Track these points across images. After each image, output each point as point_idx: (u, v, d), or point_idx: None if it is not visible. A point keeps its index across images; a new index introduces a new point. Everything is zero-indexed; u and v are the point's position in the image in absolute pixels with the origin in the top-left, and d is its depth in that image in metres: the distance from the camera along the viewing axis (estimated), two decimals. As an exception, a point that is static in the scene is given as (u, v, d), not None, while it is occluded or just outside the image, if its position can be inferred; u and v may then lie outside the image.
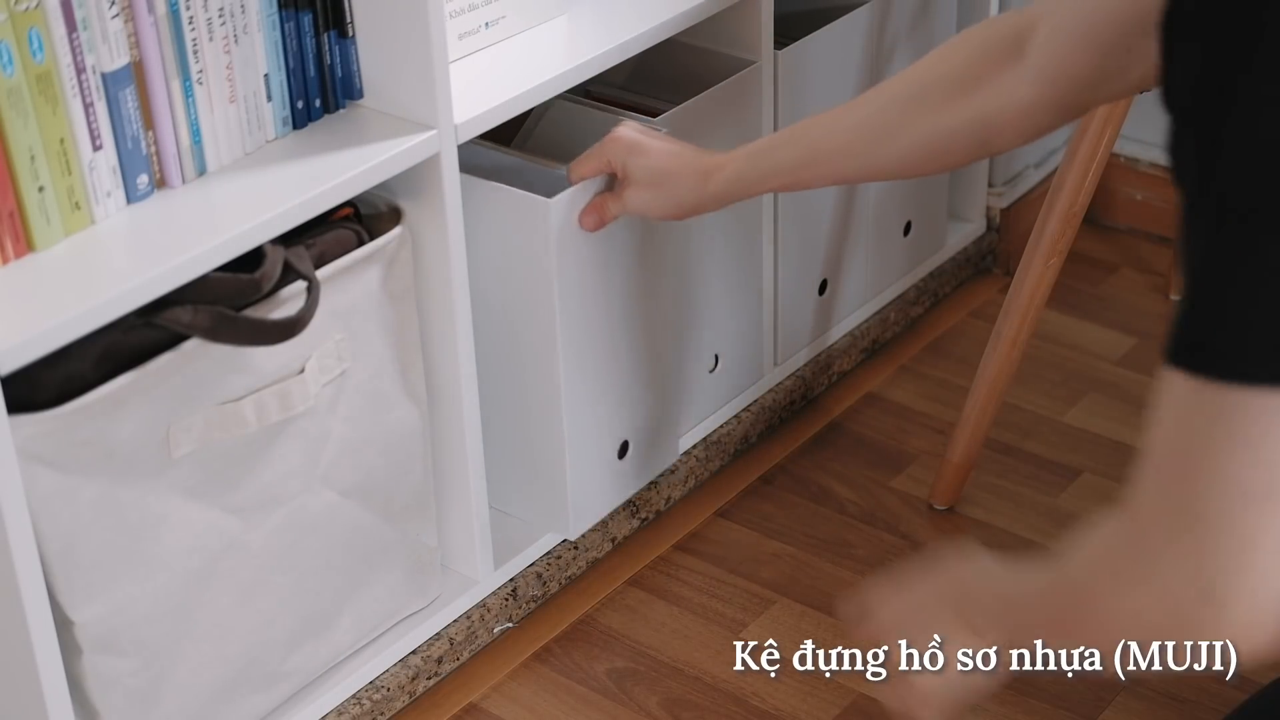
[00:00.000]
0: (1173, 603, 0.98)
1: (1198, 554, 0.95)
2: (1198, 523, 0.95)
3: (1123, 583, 1.01)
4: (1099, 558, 1.04)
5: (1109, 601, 1.03)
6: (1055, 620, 1.11)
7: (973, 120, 1.42)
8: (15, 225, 1.35)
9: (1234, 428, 0.92)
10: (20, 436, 1.31)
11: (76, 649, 1.42)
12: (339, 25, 1.53)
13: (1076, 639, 1.10)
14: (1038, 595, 1.13)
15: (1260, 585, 0.95)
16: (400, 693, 1.68)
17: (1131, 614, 1.02)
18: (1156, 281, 2.28)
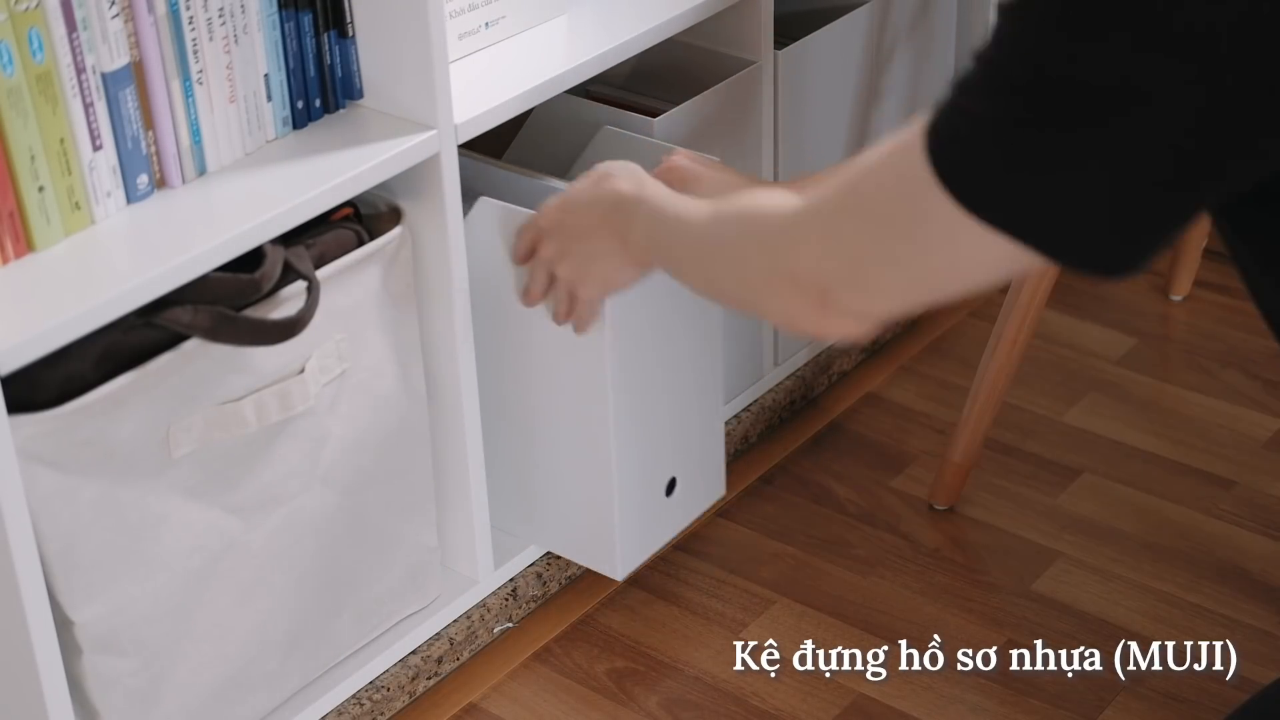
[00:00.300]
0: (796, 285, 1.18)
1: (837, 268, 1.16)
2: (855, 254, 1.14)
3: (767, 247, 1.22)
4: (758, 218, 1.24)
5: (750, 258, 1.24)
6: (696, 254, 1.35)
7: None
8: (15, 225, 1.35)
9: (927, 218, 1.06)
10: (20, 436, 1.31)
11: (76, 649, 1.42)
12: (339, 25, 1.53)
13: (701, 277, 1.35)
14: (691, 227, 1.35)
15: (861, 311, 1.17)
16: (400, 693, 1.68)
17: (757, 277, 1.23)
18: (1156, 281, 2.28)
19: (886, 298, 1.16)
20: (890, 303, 1.16)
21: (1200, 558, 1.84)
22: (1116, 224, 1.02)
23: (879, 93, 2.02)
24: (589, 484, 1.68)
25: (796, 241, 1.18)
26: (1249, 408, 2.06)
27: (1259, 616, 1.77)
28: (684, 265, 1.38)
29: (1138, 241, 1.03)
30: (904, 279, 1.13)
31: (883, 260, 1.12)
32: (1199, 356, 2.15)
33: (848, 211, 1.14)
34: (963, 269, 1.09)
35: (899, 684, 1.71)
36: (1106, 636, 1.75)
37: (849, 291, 1.16)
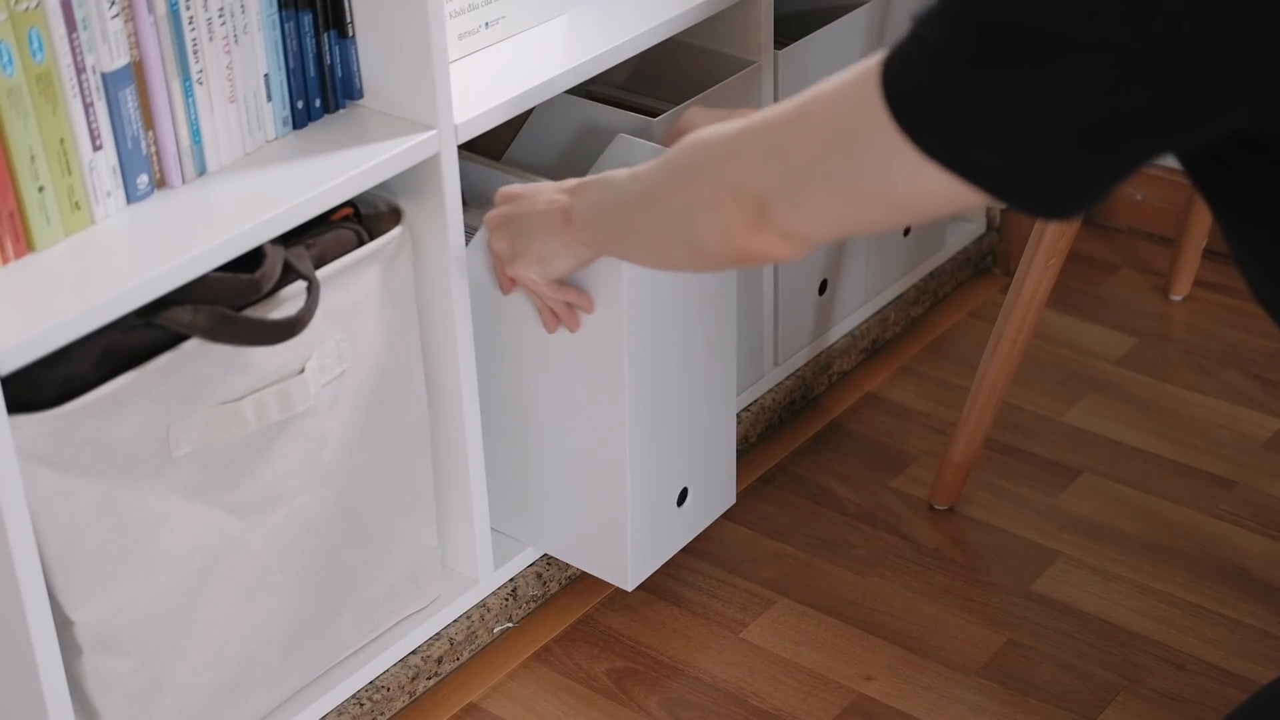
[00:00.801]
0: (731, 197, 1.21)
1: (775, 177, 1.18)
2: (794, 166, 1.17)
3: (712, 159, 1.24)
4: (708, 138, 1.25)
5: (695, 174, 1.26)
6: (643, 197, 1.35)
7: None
8: (15, 225, 1.35)
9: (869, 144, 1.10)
10: (20, 436, 1.31)
11: (76, 649, 1.42)
12: (339, 25, 1.53)
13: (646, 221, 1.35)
14: (641, 173, 1.36)
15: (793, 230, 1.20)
16: (400, 693, 1.68)
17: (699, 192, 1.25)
18: (1156, 281, 2.28)
19: (818, 217, 1.19)
20: (821, 224, 1.20)
21: (1200, 558, 1.84)
22: (1050, 168, 1.05)
23: (879, 93, 2.02)
24: (601, 493, 1.68)
25: (740, 151, 1.21)
26: (1249, 408, 2.06)
27: (1259, 616, 1.77)
28: (630, 217, 1.38)
29: (1072, 187, 1.07)
30: (837, 198, 1.16)
31: (819, 176, 1.15)
32: (1199, 356, 2.15)
33: (793, 125, 1.17)
34: (894, 196, 1.12)
35: (899, 684, 1.71)
36: (1106, 636, 1.75)
37: (782, 204, 1.18)
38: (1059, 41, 1.00)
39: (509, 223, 1.53)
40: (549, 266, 1.52)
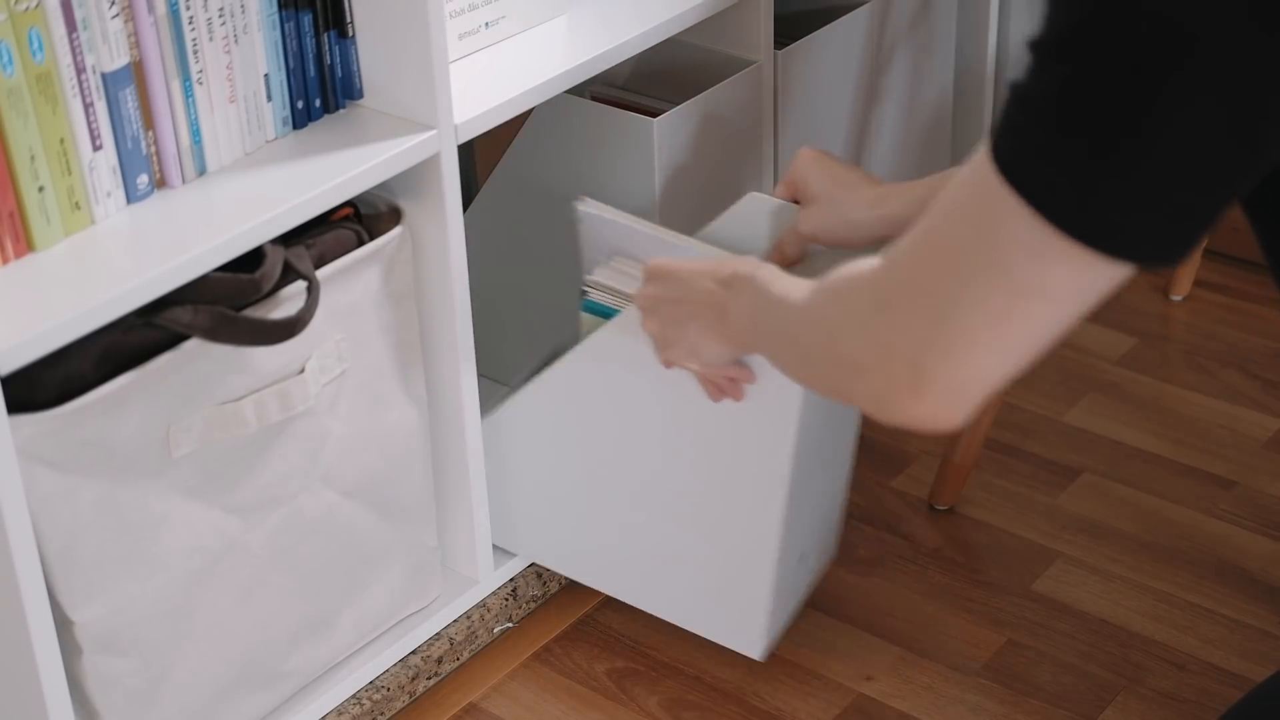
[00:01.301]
0: (883, 358, 1.07)
1: (924, 325, 1.04)
2: (939, 301, 1.03)
3: (854, 314, 1.11)
4: (847, 284, 1.13)
5: (841, 330, 1.13)
6: (793, 335, 1.23)
7: None
8: (15, 225, 1.35)
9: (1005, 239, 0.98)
10: (20, 436, 1.31)
11: (76, 649, 1.42)
12: (339, 25, 1.53)
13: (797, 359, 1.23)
14: (790, 305, 1.24)
15: (954, 382, 1.05)
16: (400, 693, 1.68)
17: (848, 351, 1.11)
18: (1156, 281, 2.28)
19: (978, 354, 1.03)
20: (983, 361, 1.04)
21: (1200, 558, 1.84)
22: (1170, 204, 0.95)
23: (879, 93, 2.02)
24: (739, 563, 1.62)
25: (881, 303, 1.07)
26: (1249, 408, 2.06)
27: (1259, 616, 1.77)
28: (782, 348, 1.27)
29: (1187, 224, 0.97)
30: (991, 319, 1.01)
31: (967, 300, 1.01)
32: (1199, 356, 2.15)
33: (924, 252, 1.05)
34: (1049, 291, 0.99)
35: (899, 684, 1.71)
36: (1106, 636, 1.75)
37: (939, 356, 1.04)
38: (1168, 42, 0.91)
39: (661, 308, 1.44)
40: (705, 357, 1.45)
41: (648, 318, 1.46)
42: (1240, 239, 2.28)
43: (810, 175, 1.55)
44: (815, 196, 1.55)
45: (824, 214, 1.54)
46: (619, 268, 1.62)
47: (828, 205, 1.54)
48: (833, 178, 1.54)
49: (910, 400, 1.07)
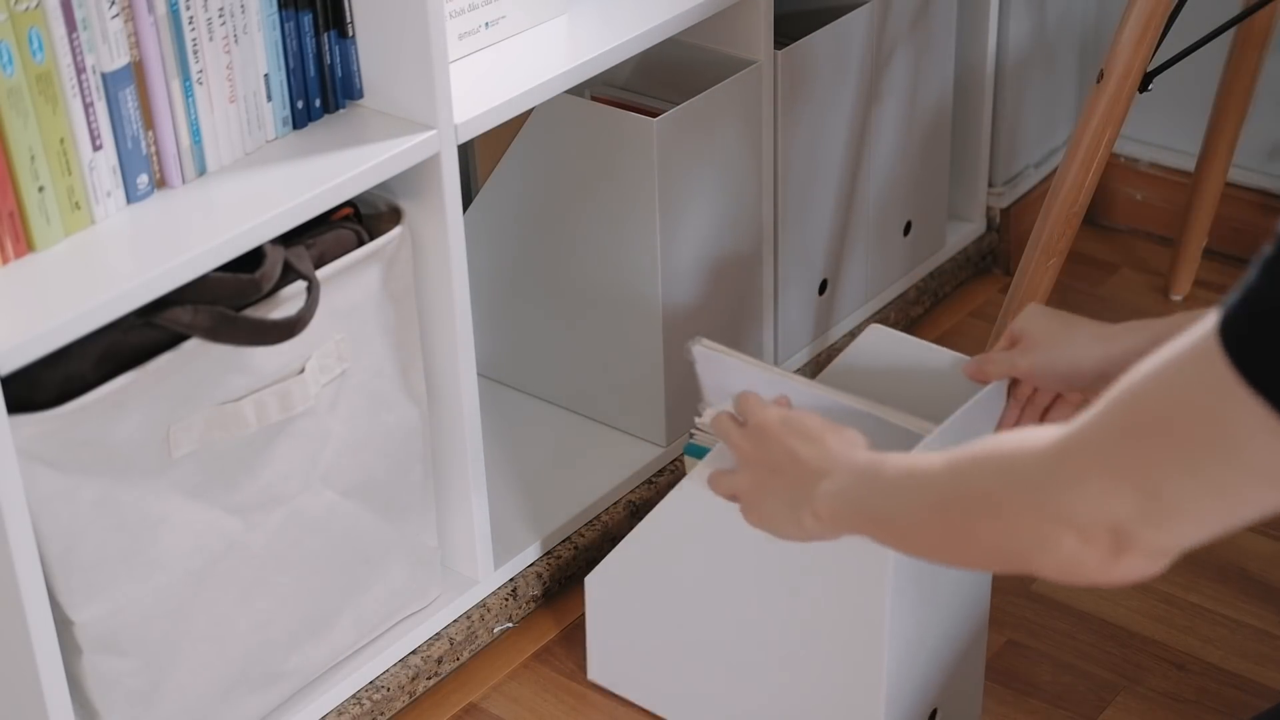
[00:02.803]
0: (1076, 531, 1.02)
1: (1133, 500, 0.99)
2: (1152, 478, 0.98)
3: (1033, 493, 1.04)
4: (1015, 460, 1.07)
5: (1012, 508, 1.06)
6: (930, 513, 1.14)
7: None
8: (15, 225, 1.35)
9: (1236, 429, 0.93)
10: (20, 436, 1.31)
11: (76, 649, 1.42)
12: (339, 25, 1.53)
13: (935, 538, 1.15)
14: (922, 481, 1.15)
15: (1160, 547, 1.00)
16: (400, 693, 1.68)
17: (1024, 528, 1.05)
18: (1156, 281, 2.28)
19: (1191, 525, 1.00)
20: (1195, 530, 1.00)
21: (1200, 558, 1.84)
22: None
23: (879, 93, 2.02)
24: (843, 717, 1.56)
25: (1072, 481, 1.02)
26: (1249, 408, 2.06)
27: (1259, 616, 1.77)
28: (908, 527, 1.19)
29: None
30: (1215, 496, 0.98)
31: (1185, 482, 0.97)
32: (1199, 356, 2.15)
33: (1133, 432, 0.99)
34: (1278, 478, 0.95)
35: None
36: (1106, 636, 1.75)
37: (1148, 527, 1.00)
38: None
39: (754, 469, 1.34)
40: (776, 532, 1.33)
41: (742, 472, 1.36)
42: (1240, 239, 2.28)
43: (1032, 322, 1.49)
44: (1038, 338, 1.48)
45: (1047, 352, 1.47)
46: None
47: (1051, 344, 1.47)
48: (1056, 320, 1.48)
49: (1107, 566, 1.03)
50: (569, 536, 1.82)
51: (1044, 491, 1.04)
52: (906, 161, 2.11)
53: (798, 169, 1.94)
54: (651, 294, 1.83)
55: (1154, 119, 2.31)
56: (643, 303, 1.84)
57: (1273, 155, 2.28)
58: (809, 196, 1.97)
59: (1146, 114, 2.26)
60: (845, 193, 2.03)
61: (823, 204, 2.00)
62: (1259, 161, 2.28)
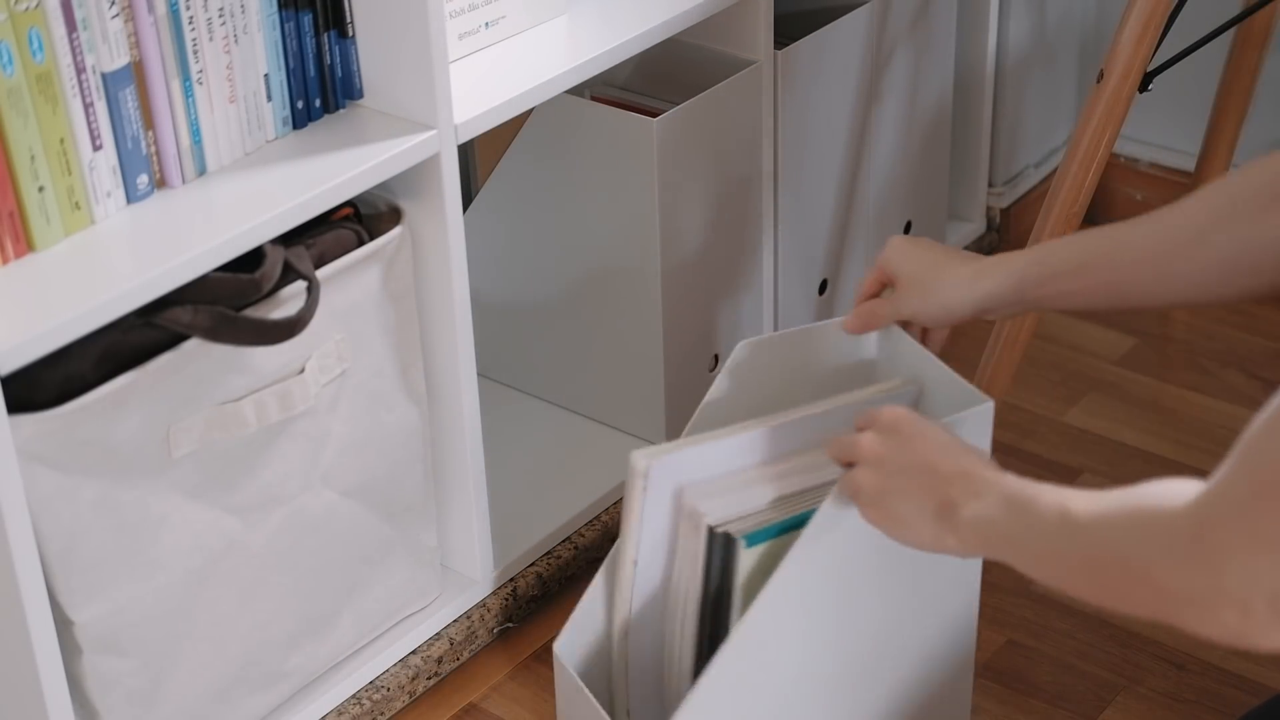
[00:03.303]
0: (1232, 603, 1.01)
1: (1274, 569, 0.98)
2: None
3: (1180, 563, 1.04)
4: (1157, 527, 1.06)
5: (1160, 574, 1.05)
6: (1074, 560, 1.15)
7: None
8: (15, 225, 1.35)
9: None
10: (20, 436, 1.31)
11: (76, 649, 1.42)
12: (339, 25, 1.53)
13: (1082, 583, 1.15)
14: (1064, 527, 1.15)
15: None
16: (400, 693, 1.68)
17: (1176, 593, 1.05)
18: (1156, 281, 2.28)
19: None
20: None
21: (1200, 558, 1.84)
22: None
23: (879, 93, 2.02)
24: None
25: (1218, 557, 1.01)
26: (1249, 408, 2.06)
27: (1259, 616, 1.77)
28: (1050, 569, 1.19)
29: None
30: None
31: None
32: (1199, 356, 2.15)
33: (1263, 493, 0.99)
34: None
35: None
36: (1106, 636, 1.75)
37: None
38: None
39: (885, 469, 1.31)
40: (900, 536, 1.31)
41: (866, 469, 1.32)
42: (1240, 239, 2.28)
43: (900, 260, 1.49)
44: (906, 280, 1.49)
45: (917, 297, 1.48)
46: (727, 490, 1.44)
47: (920, 288, 1.48)
48: (924, 261, 1.48)
49: (1270, 633, 1.01)
50: (569, 536, 1.82)
51: (1191, 564, 1.03)
52: (906, 161, 2.11)
53: (798, 169, 1.94)
54: (651, 294, 1.83)
55: (1154, 119, 2.31)
56: (643, 302, 1.84)
57: (1273, 155, 2.28)
58: (809, 196, 1.97)
59: (1146, 114, 2.26)
60: (845, 193, 2.03)
61: (823, 204, 2.00)
62: (1259, 161, 2.28)
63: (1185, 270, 1.34)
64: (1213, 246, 1.32)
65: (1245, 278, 1.32)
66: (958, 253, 1.49)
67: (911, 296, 1.48)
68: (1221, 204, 1.33)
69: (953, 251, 1.49)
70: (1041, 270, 1.41)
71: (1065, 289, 1.40)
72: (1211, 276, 1.33)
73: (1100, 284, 1.39)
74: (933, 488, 1.28)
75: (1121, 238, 1.38)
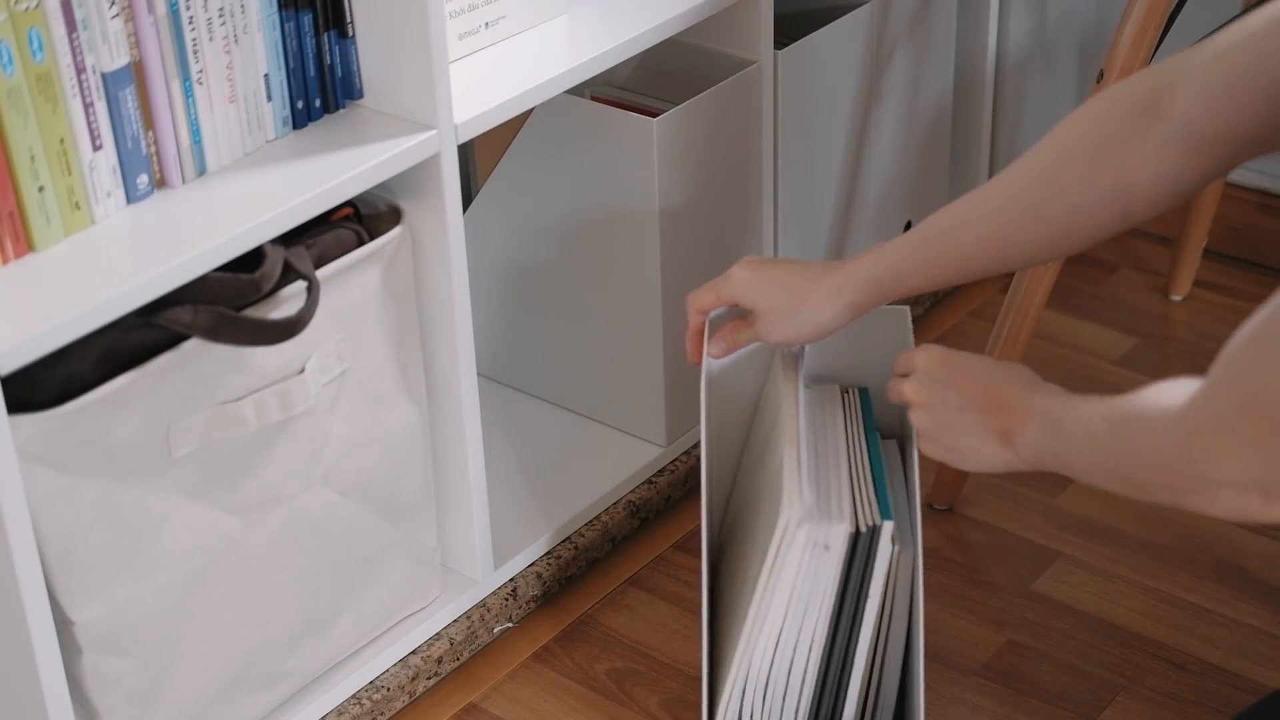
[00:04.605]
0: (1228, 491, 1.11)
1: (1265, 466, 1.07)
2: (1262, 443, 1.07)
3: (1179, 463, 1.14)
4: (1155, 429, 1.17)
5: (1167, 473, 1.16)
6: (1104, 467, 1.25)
7: (1111, 191, 1.35)
8: (15, 225, 1.35)
9: None
10: (20, 436, 1.31)
11: (76, 649, 1.42)
12: (339, 25, 1.53)
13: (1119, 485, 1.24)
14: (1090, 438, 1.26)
15: None
16: (400, 693, 1.68)
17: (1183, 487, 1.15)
18: (1156, 281, 2.28)
19: None
20: None
21: (1200, 558, 1.84)
22: None
23: (879, 93, 2.02)
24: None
25: (1207, 452, 1.11)
26: (1249, 408, 2.06)
27: (1259, 616, 1.77)
28: (1093, 475, 1.28)
29: None
30: None
31: None
32: (1199, 356, 2.15)
33: (1243, 402, 1.07)
34: None
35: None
36: (1106, 636, 1.75)
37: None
38: None
39: (936, 410, 1.40)
40: (969, 464, 1.40)
41: (919, 412, 1.42)
42: (1240, 239, 2.28)
43: (750, 293, 1.52)
44: (766, 311, 1.52)
45: (783, 324, 1.52)
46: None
47: (784, 316, 1.51)
48: (776, 287, 1.51)
49: (1264, 510, 1.11)
50: (569, 536, 1.82)
51: (1187, 463, 1.13)
52: (906, 161, 2.11)
53: (798, 169, 1.94)
54: (651, 294, 1.83)
55: (1154, 119, 2.31)
56: (643, 302, 1.84)
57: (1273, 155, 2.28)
58: (809, 196, 1.97)
59: (1146, 114, 2.26)
60: (845, 192, 2.03)
61: (823, 204, 2.00)
62: (1259, 161, 2.28)
63: (1027, 246, 1.42)
64: (1045, 224, 1.40)
65: (1082, 237, 1.40)
66: (803, 268, 1.52)
67: (777, 325, 1.52)
68: (1045, 174, 1.39)
69: (798, 268, 1.52)
70: (895, 273, 1.48)
71: (921, 283, 1.48)
72: (1052, 246, 1.42)
73: (951, 272, 1.46)
74: (985, 422, 1.37)
75: (961, 225, 1.44)
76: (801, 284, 1.51)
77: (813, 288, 1.50)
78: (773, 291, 1.52)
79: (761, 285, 1.52)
